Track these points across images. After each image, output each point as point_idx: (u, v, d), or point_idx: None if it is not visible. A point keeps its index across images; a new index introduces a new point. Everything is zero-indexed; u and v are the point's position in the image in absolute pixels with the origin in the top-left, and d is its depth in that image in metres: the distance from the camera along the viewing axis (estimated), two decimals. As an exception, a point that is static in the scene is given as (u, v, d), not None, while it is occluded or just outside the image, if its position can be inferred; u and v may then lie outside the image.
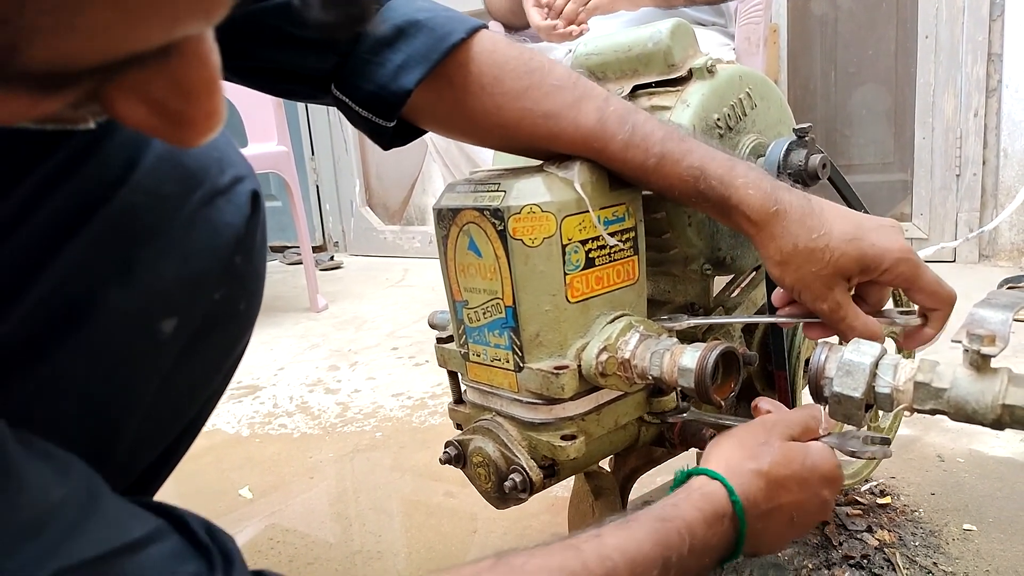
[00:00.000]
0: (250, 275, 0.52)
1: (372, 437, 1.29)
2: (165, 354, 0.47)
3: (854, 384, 0.54)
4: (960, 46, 2.07)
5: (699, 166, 0.58)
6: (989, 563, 0.75)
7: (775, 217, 0.57)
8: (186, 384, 0.51)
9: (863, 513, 0.84)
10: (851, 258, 0.58)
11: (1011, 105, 2.03)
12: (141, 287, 0.44)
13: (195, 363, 0.51)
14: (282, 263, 3.30)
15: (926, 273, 0.59)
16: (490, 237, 0.59)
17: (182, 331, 0.47)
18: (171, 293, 0.46)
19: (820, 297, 0.59)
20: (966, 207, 2.13)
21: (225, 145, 0.50)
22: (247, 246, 0.50)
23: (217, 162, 0.48)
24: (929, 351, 0.62)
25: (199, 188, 0.47)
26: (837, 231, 0.58)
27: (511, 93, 0.59)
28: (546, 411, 0.62)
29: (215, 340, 0.52)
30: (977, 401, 0.49)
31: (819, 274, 0.58)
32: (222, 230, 0.48)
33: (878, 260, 0.58)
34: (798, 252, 0.58)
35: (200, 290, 0.48)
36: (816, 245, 0.57)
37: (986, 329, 0.48)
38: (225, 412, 1.47)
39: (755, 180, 0.58)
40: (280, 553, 0.93)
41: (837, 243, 0.57)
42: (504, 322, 0.61)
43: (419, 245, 3.18)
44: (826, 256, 0.57)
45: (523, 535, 0.91)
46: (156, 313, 0.45)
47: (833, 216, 0.58)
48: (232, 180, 0.49)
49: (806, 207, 0.58)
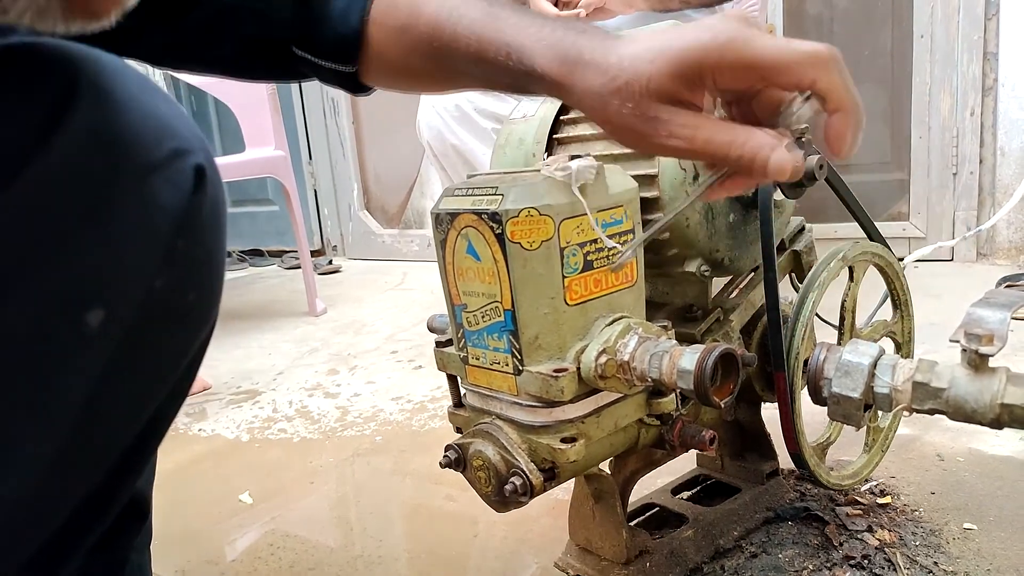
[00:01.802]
0: (199, 262, 0.45)
1: (372, 441, 1.29)
2: (94, 351, 0.41)
3: (852, 384, 0.54)
4: (956, 45, 2.07)
5: (507, 42, 0.53)
6: (990, 562, 0.75)
7: (576, 65, 0.50)
8: (130, 386, 0.45)
9: (863, 513, 0.84)
10: (664, 75, 0.48)
11: (1007, 103, 2.04)
12: (60, 271, 0.39)
13: (136, 364, 0.44)
14: (280, 267, 3.30)
15: (767, 44, 0.47)
16: (488, 241, 0.59)
17: (113, 324, 0.41)
18: (95, 279, 0.40)
19: (644, 137, 0.49)
20: (963, 206, 2.13)
21: (169, 116, 0.44)
22: (191, 228, 0.44)
23: (153, 132, 0.42)
24: (927, 351, 0.62)
25: (128, 162, 0.41)
26: (642, 47, 0.49)
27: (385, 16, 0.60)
28: (546, 414, 0.62)
29: (160, 337, 0.45)
30: (976, 400, 0.49)
31: (634, 114, 0.49)
32: (156, 210, 0.42)
33: (696, 62, 0.47)
34: (604, 98, 0.49)
35: (132, 278, 0.42)
36: (616, 84, 0.49)
37: (984, 328, 0.48)
38: (224, 417, 1.47)
39: (554, 33, 0.52)
40: (280, 559, 0.93)
41: (642, 67, 0.48)
42: (503, 325, 0.61)
43: (417, 249, 3.18)
44: (632, 92, 0.48)
45: (524, 539, 0.91)
46: (78, 301, 0.40)
47: (635, 37, 0.50)
48: (170, 153, 0.43)
49: (608, 43, 0.50)
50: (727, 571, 0.77)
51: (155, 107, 0.41)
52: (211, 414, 1.50)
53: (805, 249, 0.83)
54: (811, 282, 0.76)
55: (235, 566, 0.92)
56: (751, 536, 0.82)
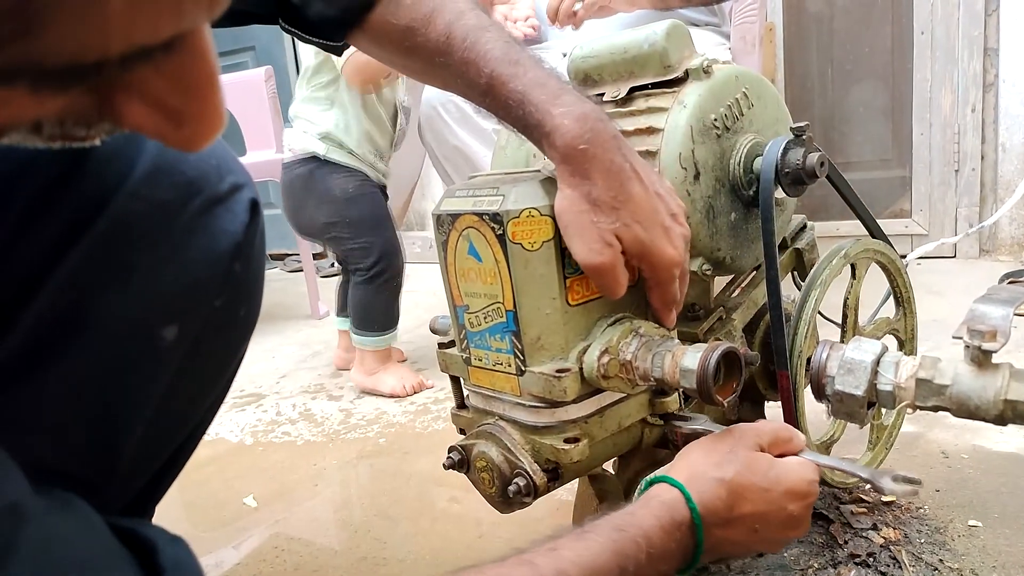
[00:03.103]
0: (249, 282, 0.52)
1: (376, 443, 1.29)
2: (167, 361, 0.47)
3: (856, 382, 0.54)
4: (956, 42, 2.07)
5: (522, 91, 0.56)
6: (995, 559, 0.75)
7: (582, 155, 0.55)
8: (189, 391, 0.52)
9: (868, 511, 0.84)
10: (633, 237, 0.56)
11: (1008, 99, 2.03)
12: (141, 294, 0.45)
13: (197, 370, 0.51)
14: (283, 271, 3.30)
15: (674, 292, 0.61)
16: (489, 241, 0.59)
17: (183, 338, 0.47)
18: (171, 300, 0.46)
19: (596, 249, 0.56)
20: (965, 202, 2.13)
21: (223, 153, 0.51)
22: (246, 253, 0.50)
23: (215, 169, 0.49)
24: (930, 348, 0.62)
25: (198, 196, 0.47)
26: (632, 207, 0.56)
27: (390, 14, 0.60)
28: (549, 414, 0.62)
29: (216, 347, 0.52)
30: (979, 397, 0.49)
31: (602, 228, 0.56)
32: (221, 237, 0.48)
33: (650, 258, 0.58)
34: (590, 198, 0.55)
35: (200, 297, 0.48)
36: (609, 204, 0.55)
37: (987, 325, 0.48)
38: (228, 421, 1.47)
39: (578, 112, 0.55)
40: (285, 561, 0.93)
41: (627, 217, 0.56)
42: (505, 326, 0.61)
43: (419, 250, 3.18)
44: (612, 217, 0.56)
45: (528, 539, 0.91)
46: (157, 320, 0.46)
47: (637, 192, 0.56)
48: (231, 188, 0.49)
49: (617, 164, 0.56)
50: (733, 570, 0.77)
51: (212, 146, 0.44)
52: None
53: (807, 247, 0.83)
54: (813, 280, 0.76)
55: (240, 569, 0.92)
56: (756, 535, 0.82)
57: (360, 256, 1.51)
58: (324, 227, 1.51)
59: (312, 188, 1.50)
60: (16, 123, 0.24)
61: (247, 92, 2.17)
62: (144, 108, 0.26)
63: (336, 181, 1.50)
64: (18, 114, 0.24)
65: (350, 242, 1.51)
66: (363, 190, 1.52)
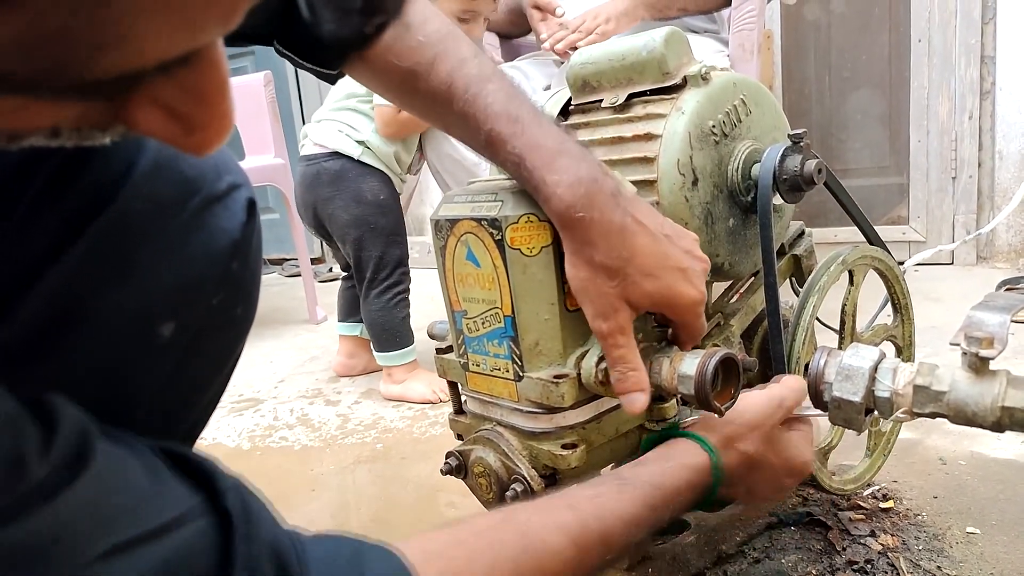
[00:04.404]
0: (246, 281, 0.52)
1: (373, 449, 1.28)
2: (164, 358, 0.47)
3: (853, 388, 0.54)
4: (953, 49, 2.08)
5: (519, 153, 0.57)
6: (993, 566, 0.75)
7: (579, 222, 0.56)
8: (185, 388, 0.52)
9: (866, 518, 0.84)
10: (643, 293, 0.57)
11: (1005, 107, 2.04)
12: (139, 290, 0.45)
13: (193, 367, 0.51)
14: (281, 275, 3.30)
15: (701, 326, 0.63)
16: (488, 247, 0.59)
17: (181, 335, 0.47)
18: (169, 297, 0.46)
19: (601, 315, 0.57)
20: (963, 209, 2.13)
21: (221, 153, 0.51)
22: (244, 252, 0.50)
23: (214, 169, 0.49)
24: (928, 354, 0.62)
25: (196, 194, 0.47)
26: (638, 262, 0.56)
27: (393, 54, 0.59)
28: (546, 420, 0.62)
29: (213, 345, 0.52)
30: (976, 404, 0.49)
31: (606, 293, 0.57)
32: (219, 236, 0.48)
33: (669, 305, 0.59)
34: (593, 264, 0.56)
35: (198, 294, 0.48)
36: (612, 265, 0.56)
37: (984, 331, 0.48)
38: (225, 425, 1.47)
39: (572, 179, 0.55)
40: (282, 567, 0.92)
41: (634, 273, 0.56)
42: (503, 331, 0.61)
43: (417, 255, 3.17)
44: (617, 279, 0.56)
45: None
46: (154, 316, 0.46)
47: (642, 244, 0.57)
48: (228, 187, 0.50)
49: (616, 224, 0.56)
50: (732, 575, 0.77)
51: None
52: (212, 422, 1.50)
53: (805, 253, 0.83)
54: (811, 286, 0.76)
55: (236, 575, 0.92)
56: (754, 541, 0.82)
57: (377, 266, 1.50)
58: (346, 227, 1.49)
59: (343, 185, 1.49)
60: (36, 129, 0.25)
61: (246, 97, 2.17)
62: (158, 115, 0.27)
63: (370, 184, 1.49)
64: (38, 120, 0.25)
65: (372, 249, 1.50)
66: (394, 200, 1.53)
